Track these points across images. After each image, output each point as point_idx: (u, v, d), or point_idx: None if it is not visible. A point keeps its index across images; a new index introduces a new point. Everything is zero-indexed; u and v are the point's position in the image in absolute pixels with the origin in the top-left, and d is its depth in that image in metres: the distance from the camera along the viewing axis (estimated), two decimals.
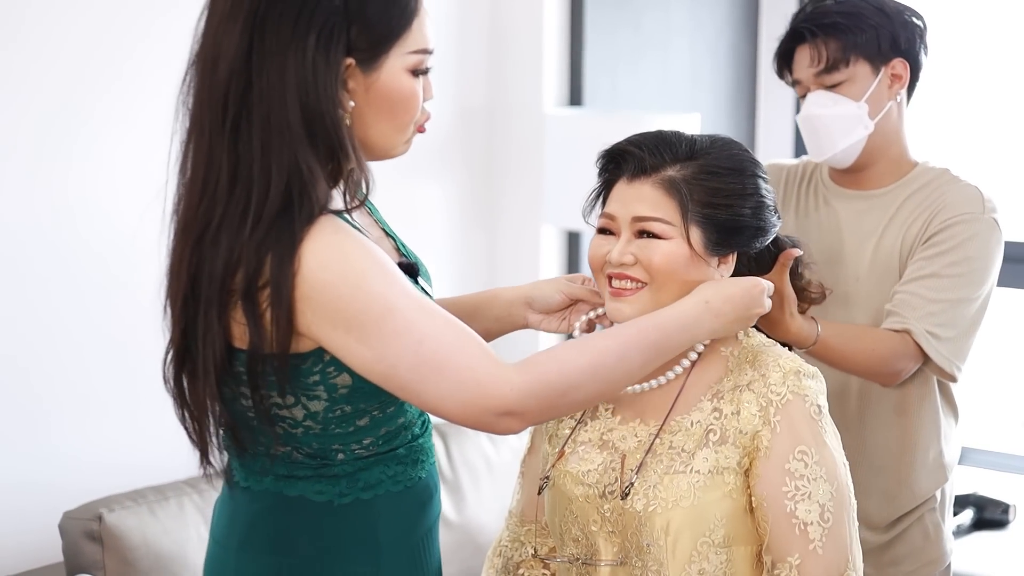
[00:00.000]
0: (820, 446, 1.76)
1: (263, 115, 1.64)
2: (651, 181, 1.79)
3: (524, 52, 3.67)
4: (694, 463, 1.76)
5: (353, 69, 1.68)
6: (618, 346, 1.69)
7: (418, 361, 1.61)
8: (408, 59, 1.71)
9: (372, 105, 1.71)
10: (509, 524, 2.02)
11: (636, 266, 1.78)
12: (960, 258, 2.26)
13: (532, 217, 3.68)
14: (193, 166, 1.69)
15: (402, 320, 1.61)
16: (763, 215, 1.82)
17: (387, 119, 1.73)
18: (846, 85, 2.31)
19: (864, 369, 2.23)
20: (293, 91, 1.63)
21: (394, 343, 1.61)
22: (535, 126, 3.64)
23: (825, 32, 2.30)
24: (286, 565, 1.76)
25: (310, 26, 1.64)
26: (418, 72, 1.73)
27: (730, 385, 1.80)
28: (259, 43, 1.64)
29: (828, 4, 2.34)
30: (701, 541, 1.75)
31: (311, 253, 1.60)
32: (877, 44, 2.30)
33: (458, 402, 1.63)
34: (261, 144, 1.63)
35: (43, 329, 2.81)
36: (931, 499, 2.41)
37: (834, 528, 1.75)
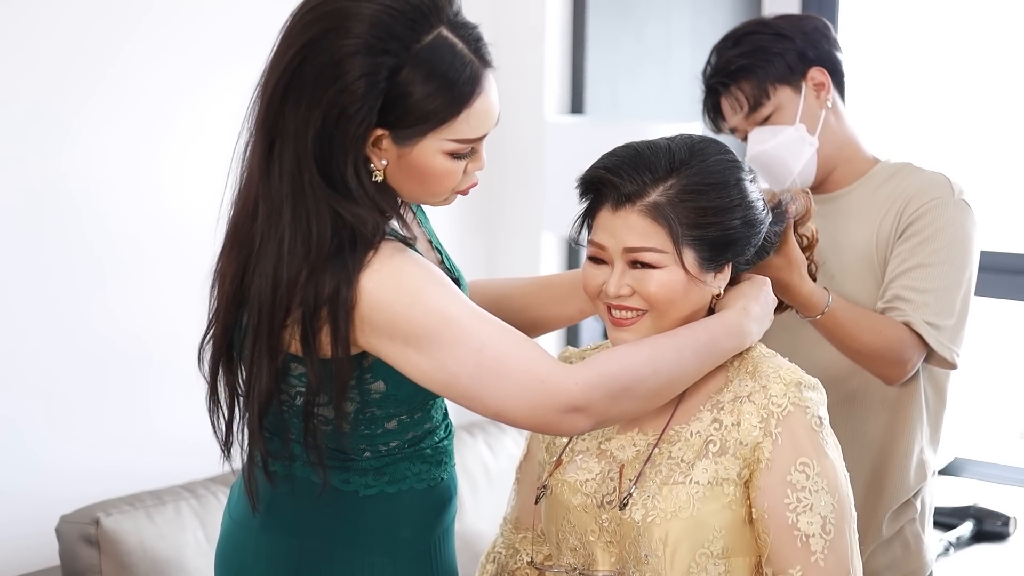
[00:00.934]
0: (821, 457, 1.75)
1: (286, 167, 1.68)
2: (636, 209, 1.75)
3: (526, 60, 3.67)
4: (693, 474, 1.75)
5: (384, 137, 1.69)
6: (674, 344, 1.74)
7: (479, 367, 1.66)
8: (447, 144, 1.71)
9: (402, 172, 1.73)
10: (504, 531, 2.01)
11: (634, 296, 1.76)
12: (942, 244, 2.25)
13: (533, 225, 3.68)
14: (244, 183, 1.74)
15: (459, 329, 1.67)
16: (753, 220, 1.80)
17: (418, 186, 1.75)
18: (776, 115, 2.35)
19: (871, 351, 2.19)
20: (310, 152, 1.66)
21: (454, 352, 1.66)
22: (536, 134, 3.63)
23: (734, 79, 2.35)
24: (306, 548, 1.81)
25: (341, 92, 1.65)
26: (459, 155, 1.73)
27: (730, 396, 1.79)
28: (295, 91, 1.67)
29: (728, 49, 2.38)
30: (700, 552, 1.74)
31: (367, 278, 1.66)
32: (787, 67, 2.34)
33: (524, 403, 1.67)
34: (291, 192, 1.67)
35: (40, 332, 2.81)
36: (911, 509, 2.40)
37: (836, 540, 1.74)
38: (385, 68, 1.65)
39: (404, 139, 1.69)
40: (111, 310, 2.91)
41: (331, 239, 1.65)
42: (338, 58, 1.64)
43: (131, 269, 2.95)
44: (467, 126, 1.71)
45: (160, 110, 2.97)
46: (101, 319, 2.90)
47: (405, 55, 1.65)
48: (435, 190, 1.75)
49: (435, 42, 1.68)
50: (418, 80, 1.66)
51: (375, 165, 1.70)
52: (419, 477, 1.83)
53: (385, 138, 1.69)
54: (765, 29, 2.38)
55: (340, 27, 1.65)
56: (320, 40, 1.65)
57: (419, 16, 1.67)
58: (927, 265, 2.24)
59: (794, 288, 2.00)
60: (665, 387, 1.74)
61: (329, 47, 1.65)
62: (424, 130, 1.69)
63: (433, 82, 1.67)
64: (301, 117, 1.66)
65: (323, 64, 1.65)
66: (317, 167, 1.66)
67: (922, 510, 2.42)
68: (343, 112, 1.64)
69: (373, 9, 1.65)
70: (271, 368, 1.70)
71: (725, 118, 2.41)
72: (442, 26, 1.69)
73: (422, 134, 1.69)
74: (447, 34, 1.69)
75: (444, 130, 1.69)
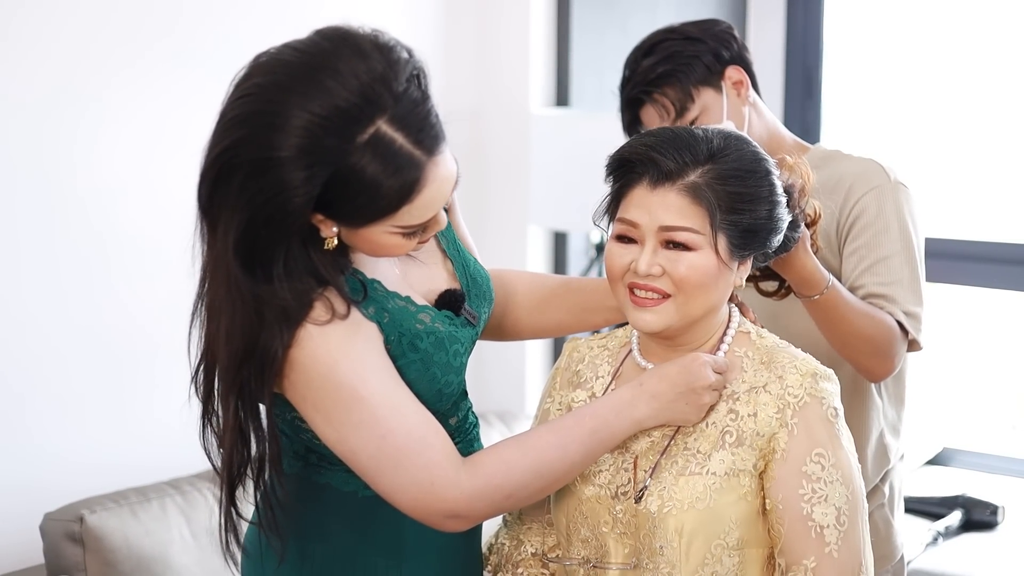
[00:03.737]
0: (836, 448, 1.75)
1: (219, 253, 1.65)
2: (676, 188, 1.74)
3: (511, 52, 3.66)
4: (710, 465, 1.74)
5: (325, 221, 1.66)
6: (559, 441, 1.74)
7: (379, 453, 1.68)
8: (393, 230, 1.67)
9: (353, 242, 1.70)
10: (507, 521, 1.99)
11: (663, 278, 1.74)
12: (895, 233, 2.26)
13: (518, 217, 3.67)
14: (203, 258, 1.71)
15: (368, 413, 1.67)
16: (776, 214, 1.80)
17: (371, 254, 1.74)
18: (703, 116, 2.36)
19: (865, 337, 2.16)
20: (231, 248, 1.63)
21: (359, 432, 1.67)
22: (522, 126, 3.62)
23: (657, 86, 2.36)
24: (316, 551, 1.81)
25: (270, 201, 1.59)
26: (411, 233, 1.69)
27: (745, 387, 1.78)
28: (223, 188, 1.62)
29: (643, 59, 2.39)
30: (715, 543, 1.73)
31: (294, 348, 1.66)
32: (705, 68, 2.36)
33: (411, 498, 1.69)
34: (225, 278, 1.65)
35: (23, 328, 2.79)
36: (879, 495, 2.40)
37: (849, 531, 1.74)
38: (319, 177, 1.58)
39: (345, 227, 1.66)
40: (96, 305, 2.90)
41: (258, 323, 1.64)
42: (267, 167, 1.58)
43: (115, 264, 2.93)
44: (411, 216, 1.65)
45: (172, 110, 2.95)
46: (85, 315, 2.88)
47: (341, 159, 1.58)
48: (388, 255, 1.73)
49: (372, 141, 1.59)
50: (354, 181, 1.60)
51: (325, 234, 1.66)
52: None
53: (327, 219, 1.65)
54: (675, 35, 2.40)
55: (270, 135, 1.57)
56: (248, 144, 1.58)
57: (355, 116, 1.58)
58: (887, 257, 2.25)
59: (799, 262, 1.98)
60: (550, 485, 1.76)
61: (258, 153, 1.58)
62: (365, 224, 1.65)
63: (370, 183, 1.60)
64: (227, 216, 1.61)
65: (251, 171, 1.59)
66: (241, 261, 1.62)
67: (891, 495, 2.43)
68: (270, 219, 1.60)
69: (305, 119, 1.57)
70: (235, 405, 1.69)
71: (645, 127, 2.40)
72: (381, 120, 1.60)
73: (363, 227, 1.66)
74: (386, 130, 1.60)
75: (386, 221, 1.65)
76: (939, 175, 3.91)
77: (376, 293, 1.76)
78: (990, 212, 3.90)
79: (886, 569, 2.42)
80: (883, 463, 2.39)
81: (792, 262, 1.98)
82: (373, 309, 1.74)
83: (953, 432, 3.93)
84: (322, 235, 1.66)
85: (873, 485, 2.38)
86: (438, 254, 1.91)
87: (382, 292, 1.77)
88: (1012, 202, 3.90)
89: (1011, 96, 3.92)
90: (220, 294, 1.66)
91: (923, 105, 4.04)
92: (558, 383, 1.94)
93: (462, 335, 1.83)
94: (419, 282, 1.86)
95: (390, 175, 1.60)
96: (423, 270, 1.88)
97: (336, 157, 1.58)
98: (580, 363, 1.93)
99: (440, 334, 1.79)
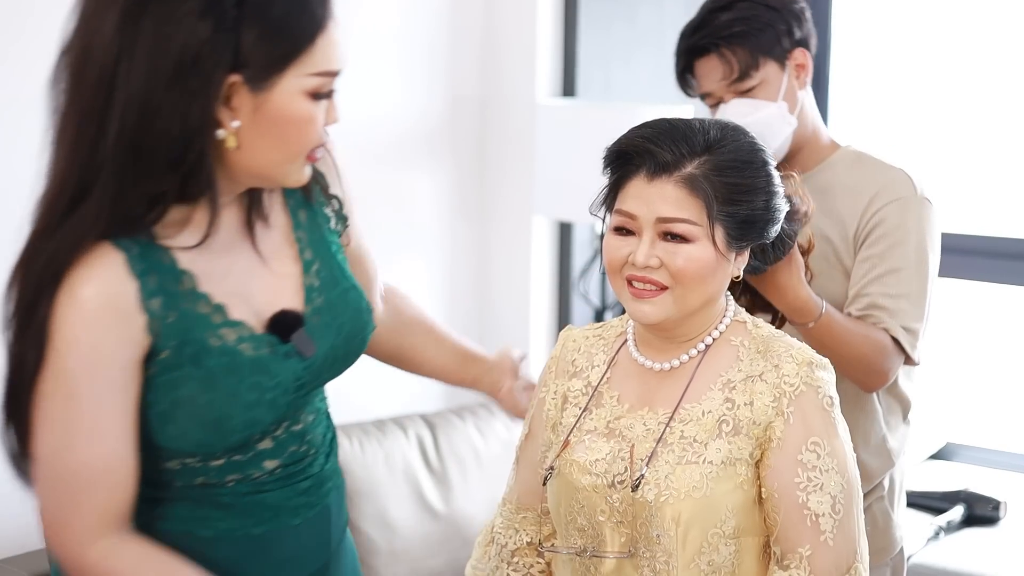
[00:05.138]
0: (832, 437, 1.76)
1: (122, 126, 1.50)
2: (673, 179, 1.74)
3: (518, 42, 3.65)
4: (707, 453, 1.75)
5: (239, 86, 1.53)
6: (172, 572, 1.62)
7: (53, 457, 1.56)
8: (307, 81, 1.55)
9: (259, 128, 1.55)
10: (503, 511, 1.99)
11: (661, 270, 1.75)
12: (911, 247, 2.26)
13: (524, 208, 3.67)
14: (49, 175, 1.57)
15: (69, 416, 1.55)
16: (773, 205, 1.81)
17: (275, 146, 1.58)
18: (760, 88, 2.32)
19: (859, 357, 2.18)
20: (147, 105, 1.48)
21: (49, 425, 1.56)
22: (528, 117, 3.62)
23: (729, 42, 2.31)
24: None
25: (190, 32, 1.48)
26: (319, 95, 1.58)
27: (741, 376, 1.78)
28: (128, 45, 1.49)
29: (722, 12, 2.34)
30: (712, 532, 1.74)
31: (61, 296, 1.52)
32: (778, 41, 2.32)
33: (47, 518, 1.59)
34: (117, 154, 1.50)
35: None
36: (878, 488, 2.40)
37: (844, 520, 1.75)
38: (229, 3, 1.49)
39: (261, 82, 1.52)
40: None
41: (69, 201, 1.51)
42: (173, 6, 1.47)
43: None
44: (323, 55, 1.55)
45: None
46: None
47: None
48: (293, 148, 1.58)
49: None
50: (266, 4, 1.50)
51: (225, 127, 1.53)
52: (204, 522, 1.69)
53: (239, 87, 1.52)
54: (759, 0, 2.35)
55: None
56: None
57: None
58: (899, 269, 2.25)
59: (792, 291, 1.99)
60: None
61: None
62: (283, 65, 1.52)
63: (286, 4, 1.52)
64: (149, 54, 1.47)
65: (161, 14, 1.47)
66: (139, 124, 1.48)
67: (891, 488, 2.43)
68: (196, 59, 1.48)
69: None
70: None
71: (698, 80, 2.38)
72: None
73: (281, 70, 1.52)
74: None
75: (303, 63, 1.53)
76: (944, 169, 3.90)
77: (176, 286, 1.59)
78: (997, 207, 3.89)
79: (885, 562, 2.43)
80: (884, 465, 2.39)
81: (784, 290, 1.99)
82: (158, 302, 1.57)
83: (956, 427, 3.93)
84: (220, 135, 1.53)
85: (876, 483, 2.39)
86: (295, 268, 1.72)
87: (187, 289, 1.60)
88: (1020, 196, 3.89)
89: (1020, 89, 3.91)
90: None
91: (931, 98, 4.03)
92: (553, 372, 1.94)
93: (279, 367, 1.64)
94: (260, 292, 1.67)
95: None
96: (268, 281, 1.69)
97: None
98: (576, 352, 1.93)
99: (241, 358, 1.61)
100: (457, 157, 3.67)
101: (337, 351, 1.73)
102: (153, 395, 1.60)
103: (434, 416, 3.44)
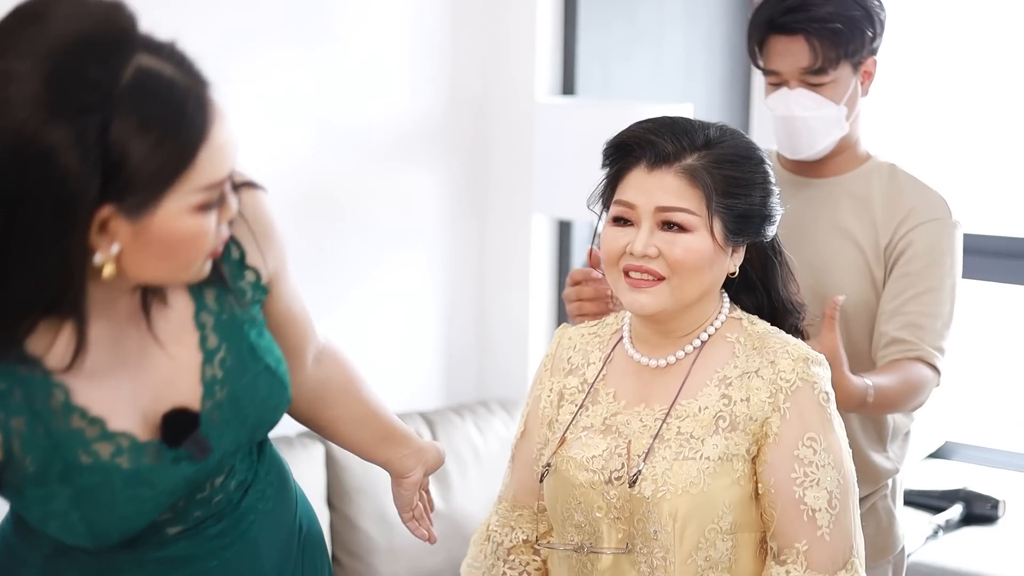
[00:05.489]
0: (828, 432, 1.76)
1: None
2: (673, 170, 1.76)
3: (517, 40, 3.65)
4: (704, 449, 1.75)
5: (114, 215, 1.36)
6: None
7: None
8: (193, 198, 1.38)
9: (143, 251, 1.40)
10: (499, 509, 1.99)
11: (659, 259, 1.75)
12: (947, 269, 2.29)
13: (523, 206, 3.67)
14: None
15: None
16: (770, 202, 1.82)
17: (163, 263, 1.43)
18: (830, 87, 2.29)
19: (907, 405, 2.25)
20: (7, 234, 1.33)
21: None
22: (527, 115, 3.62)
23: (821, 34, 2.26)
24: None
25: (48, 177, 1.30)
26: (208, 206, 1.41)
27: (737, 372, 1.79)
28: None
29: (823, 3, 2.27)
30: (709, 528, 1.74)
31: None
32: (862, 46, 2.29)
33: None
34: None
35: None
36: (883, 486, 2.41)
37: (840, 515, 1.75)
38: (92, 127, 1.31)
39: (138, 211, 1.36)
40: None
41: None
42: (26, 137, 1.29)
43: None
44: (208, 168, 1.38)
45: None
46: None
47: (108, 103, 1.31)
48: (187, 261, 1.44)
49: (139, 75, 1.33)
50: (135, 129, 1.32)
51: (102, 254, 1.38)
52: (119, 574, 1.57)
53: (114, 216, 1.36)
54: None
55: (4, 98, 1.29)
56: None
57: (108, 49, 1.32)
58: (936, 290, 2.27)
59: (841, 385, 1.98)
60: None
61: (6, 126, 1.30)
62: (160, 191, 1.36)
63: (155, 126, 1.33)
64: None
65: (10, 150, 1.30)
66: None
67: (893, 487, 2.45)
68: (58, 201, 1.31)
69: (38, 63, 1.29)
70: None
71: (769, 55, 2.31)
72: (138, 52, 1.34)
73: (159, 197, 1.36)
74: (148, 61, 1.35)
75: (185, 182, 1.36)
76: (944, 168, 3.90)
77: (46, 402, 1.45)
78: (996, 205, 3.90)
79: (887, 560, 2.43)
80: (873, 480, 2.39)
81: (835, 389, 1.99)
82: (23, 420, 1.44)
83: (955, 426, 3.94)
84: (97, 260, 1.38)
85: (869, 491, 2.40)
86: (195, 357, 1.56)
87: (58, 403, 1.45)
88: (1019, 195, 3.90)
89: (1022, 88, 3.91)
90: None
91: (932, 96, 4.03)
92: (549, 370, 1.95)
93: (164, 475, 1.51)
94: (152, 386, 1.53)
95: (175, 105, 1.35)
96: (163, 371, 1.54)
97: (104, 97, 1.31)
98: (571, 350, 1.93)
99: (116, 474, 1.48)
100: (457, 155, 3.67)
101: (240, 442, 1.60)
102: (24, 503, 1.50)
103: (433, 414, 3.45)
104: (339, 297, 3.41)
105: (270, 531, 1.70)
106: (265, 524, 1.69)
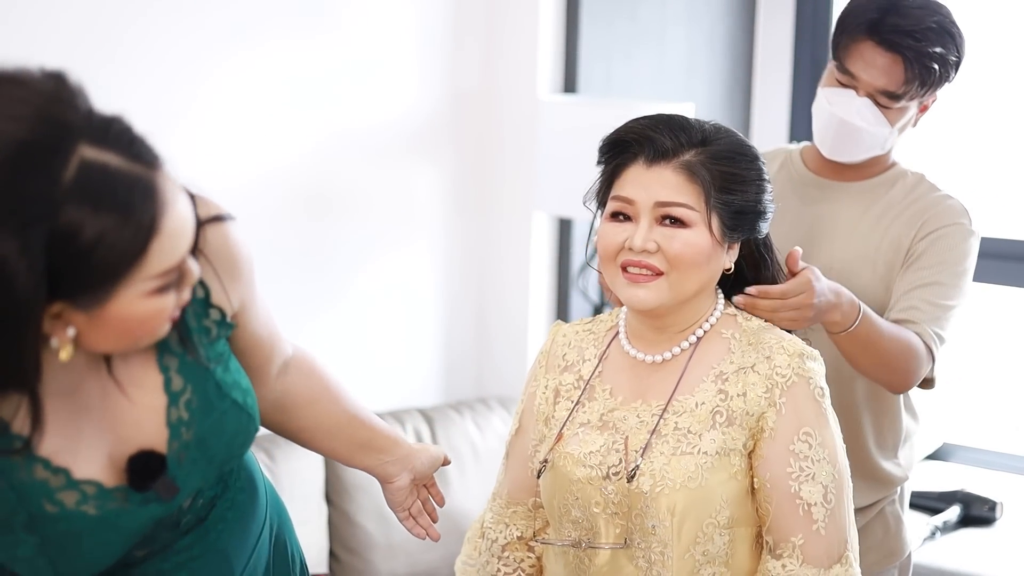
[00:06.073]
0: (823, 427, 1.77)
1: None
2: (672, 166, 1.77)
3: (519, 38, 3.65)
4: (702, 444, 1.76)
5: (66, 309, 1.34)
6: None
7: None
8: (148, 284, 1.35)
9: (99, 332, 1.38)
10: (493, 506, 2.00)
11: (657, 254, 1.76)
12: (960, 271, 2.29)
13: (524, 204, 3.67)
14: None
15: None
16: (764, 199, 1.83)
17: (121, 341, 1.41)
18: (896, 112, 2.27)
19: (891, 359, 2.17)
20: None
21: None
22: (529, 112, 3.62)
23: (917, 66, 2.21)
24: None
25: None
26: (166, 286, 1.38)
27: (734, 367, 1.80)
28: None
29: (934, 39, 2.21)
30: (706, 522, 1.75)
31: None
32: (939, 84, 2.25)
33: None
34: None
35: None
36: (892, 491, 2.41)
37: (835, 509, 1.77)
38: (37, 237, 1.27)
39: (92, 304, 1.33)
40: None
41: None
42: None
43: None
44: (160, 257, 1.34)
45: (159, 98, 2.95)
46: None
47: (51, 208, 1.27)
48: (147, 335, 1.42)
49: (82, 172, 1.28)
50: (81, 228, 1.28)
51: (58, 341, 1.36)
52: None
53: (67, 309, 1.33)
54: (955, 37, 2.25)
55: None
56: None
57: (46, 154, 1.27)
58: (946, 285, 2.27)
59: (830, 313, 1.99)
60: None
61: None
62: (111, 287, 1.32)
63: (102, 221, 1.29)
64: None
65: None
66: None
67: (900, 492, 2.45)
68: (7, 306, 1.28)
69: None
70: None
71: (853, 58, 2.25)
72: (80, 145, 1.29)
73: (110, 292, 1.33)
74: (91, 154, 1.29)
75: (137, 273, 1.33)
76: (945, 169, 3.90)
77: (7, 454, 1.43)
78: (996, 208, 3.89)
79: (894, 565, 2.43)
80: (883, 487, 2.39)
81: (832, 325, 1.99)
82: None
83: (953, 428, 3.94)
84: (53, 344, 1.36)
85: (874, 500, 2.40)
86: (159, 400, 1.52)
87: (23, 457, 1.43)
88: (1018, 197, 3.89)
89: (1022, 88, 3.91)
90: None
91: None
92: (544, 367, 1.95)
93: (132, 517, 1.50)
94: (116, 428, 1.50)
95: (122, 196, 1.30)
96: (127, 415, 1.51)
97: (46, 202, 1.27)
98: (566, 347, 1.94)
99: (82, 522, 1.47)
100: (458, 153, 3.67)
101: (208, 479, 1.58)
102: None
103: (432, 411, 3.45)
104: (339, 293, 3.41)
105: (238, 539, 1.68)
106: (234, 532, 1.66)
